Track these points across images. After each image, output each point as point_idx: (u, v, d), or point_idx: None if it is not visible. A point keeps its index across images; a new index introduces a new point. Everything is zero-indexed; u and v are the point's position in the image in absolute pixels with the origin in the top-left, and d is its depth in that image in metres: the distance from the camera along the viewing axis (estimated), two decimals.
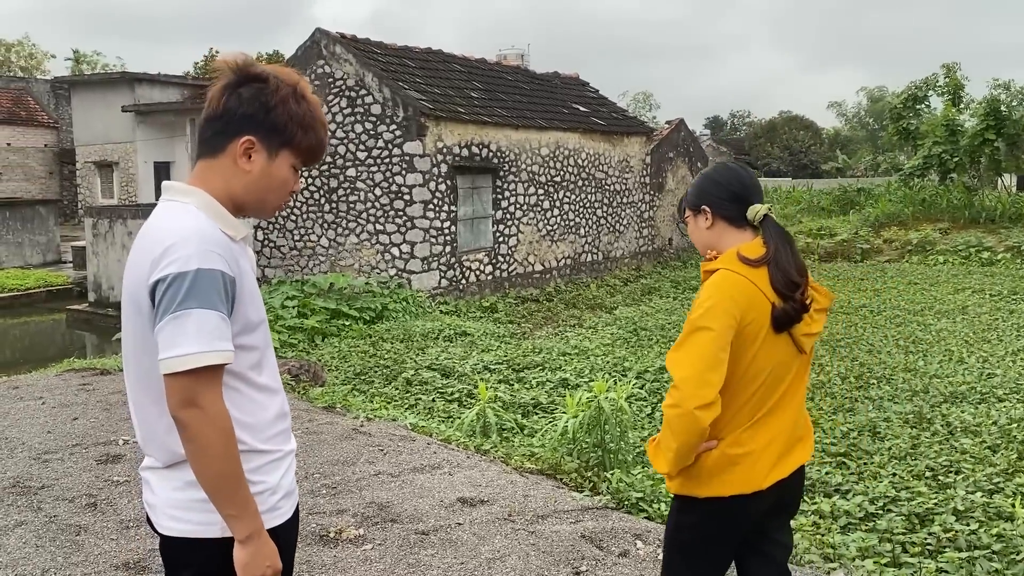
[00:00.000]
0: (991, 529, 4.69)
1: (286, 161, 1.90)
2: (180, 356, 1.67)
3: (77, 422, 6.19)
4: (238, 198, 1.90)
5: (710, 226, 2.53)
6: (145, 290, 1.75)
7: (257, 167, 1.88)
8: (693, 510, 2.43)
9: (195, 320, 1.68)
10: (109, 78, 29.78)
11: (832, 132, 66.33)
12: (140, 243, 1.81)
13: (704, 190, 2.54)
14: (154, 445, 1.86)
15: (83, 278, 18.68)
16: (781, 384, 2.39)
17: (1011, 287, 15.16)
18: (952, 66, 25.16)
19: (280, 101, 1.86)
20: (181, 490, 1.81)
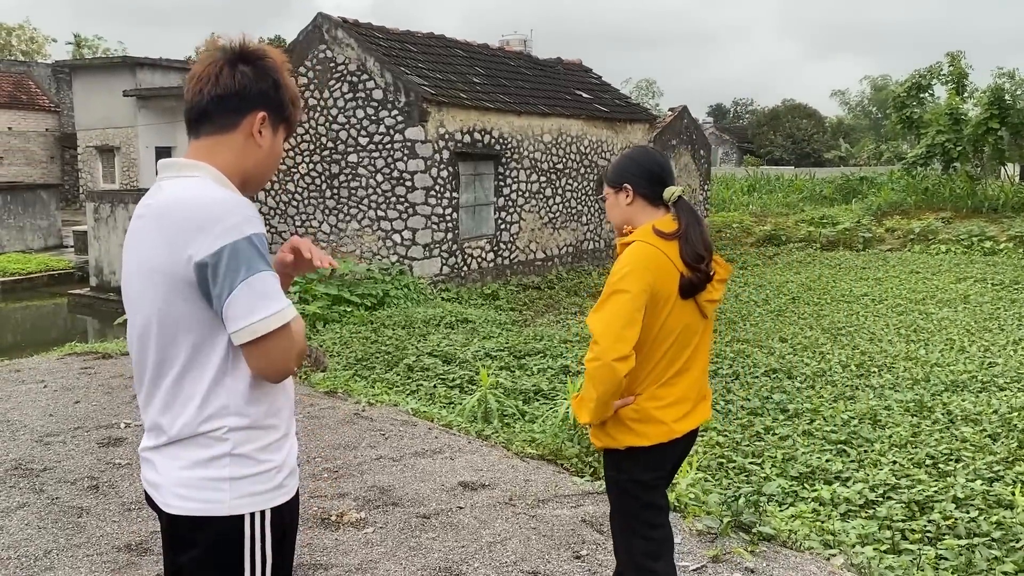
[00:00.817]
0: (991, 517, 4.70)
1: (281, 136, 1.96)
2: (271, 315, 1.72)
3: (79, 405, 6.20)
4: (248, 172, 1.92)
5: (630, 203, 2.79)
6: (185, 266, 1.73)
7: (267, 142, 1.91)
8: (623, 461, 2.70)
9: (264, 281, 1.73)
10: (110, 62, 29.70)
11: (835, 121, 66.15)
12: (166, 219, 1.78)
13: (626, 169, 2.80)
14: (171, 418, 1.84)
15: (85, 262, 18.69)
16: (689, 346, 2.70)
17: (1013, 276, 15.14)
18: (956, 54, 25.03)
19: (283, 78, 1.91)
20: (189, 469, 1.82)
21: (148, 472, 1.92)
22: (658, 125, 21.76)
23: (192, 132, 1.92)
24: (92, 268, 17.41)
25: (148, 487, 1.92)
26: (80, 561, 3.74)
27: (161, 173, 1.91)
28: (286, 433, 1.93)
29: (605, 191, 2.84)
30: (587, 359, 2.54)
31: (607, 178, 2.83)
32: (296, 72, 15.66)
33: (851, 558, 3.85)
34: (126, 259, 1.91)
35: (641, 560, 2.69)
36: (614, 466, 2.73)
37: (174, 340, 1.79)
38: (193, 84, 1.89)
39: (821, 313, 12.19)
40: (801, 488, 5.33)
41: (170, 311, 1.78)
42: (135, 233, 1.87)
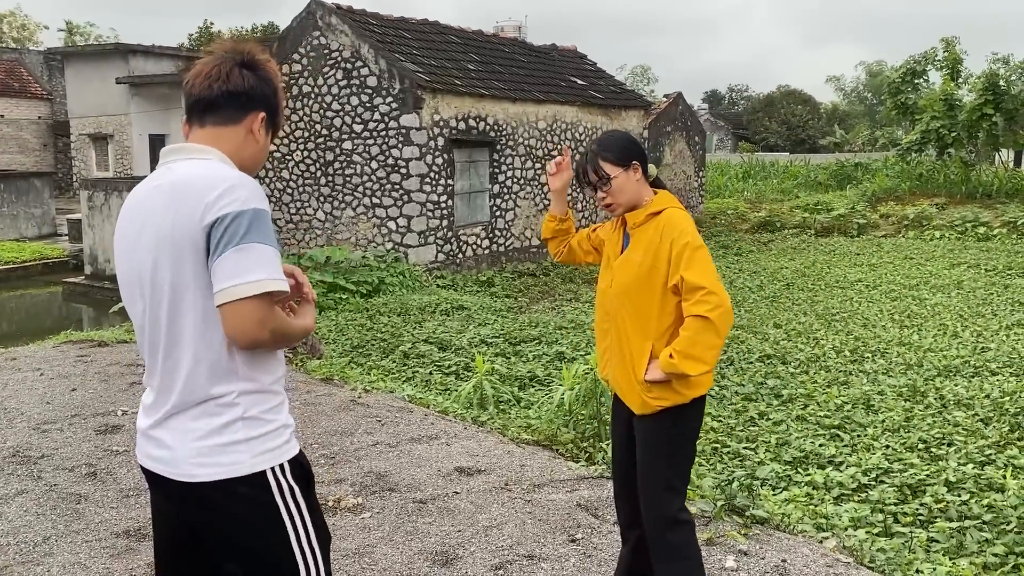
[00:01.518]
0: (982, 500, 4.75)
1: (270, 136, 2.17)
2: (251, 282, 1.81)
3: (75, 393, 6.21)
4: (243, 163, 2.07)
5: (639, 179, 2.95)
6: (200, 232, 1.86)
7: (262, 138, 2.11)
8: (685, 413, 2.87)
9: (259, 252, 1.84)
10: (103, 50, 29.50)
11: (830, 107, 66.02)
12: (182, 192, 1.90)
13: (632, 149, 2.97)
14: (179, 390, 1.93)
15: (79, 251, 18.65)
16: None
17: (1006, 262, 15.20)
18: (951, 40, 25.00)
19: (279, 86, 2.15)
20: (205, 438, 1.92)
21: (153, 449, 2.00)
22: (653, 111, 21.74)
23: (196, 121, 2.08)
24: (87, 256, 17.37)
25: (153, 463, 2.00)
26: (79, 547, 3.76)
27: (168, 156, 2.06)
28: (284, 398, 2.08)
29: (613, 172, 2.91)
30: (707, 309, 2.70)
31: (614, 159, 2.93)
32: (290, 59, 15.60)
33: (843, 541, 3.89)
34: (129, 233, 2.00)
35: (681, 514, 2.88)
36: (673, 422, 2.87)
37: (184, 307, 1.90)
38: (201, 79, 2.06)
39: (815, 299, 12.23)
40: (794, 472, 5.38)
41: (181, 279, 1.89)
42: (145, 209, 1.97)
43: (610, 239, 3.11)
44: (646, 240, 2.89)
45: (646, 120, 21.23)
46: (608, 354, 3.04)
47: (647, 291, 2.85)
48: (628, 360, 2.91)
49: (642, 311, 2.87)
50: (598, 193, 2.98)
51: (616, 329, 2.96)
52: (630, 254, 2.93)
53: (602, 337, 3.08)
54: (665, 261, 2.82)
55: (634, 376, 2.89)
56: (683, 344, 2.75)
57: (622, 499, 3.14)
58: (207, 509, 1.95)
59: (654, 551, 2.92)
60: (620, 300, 2.93)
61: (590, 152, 2.99)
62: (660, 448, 2.90)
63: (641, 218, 2.92)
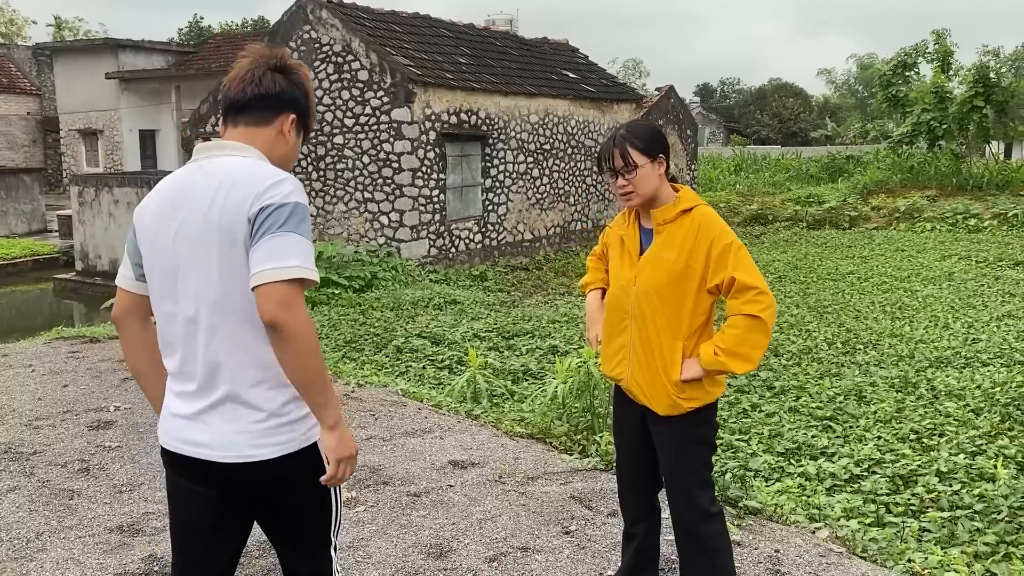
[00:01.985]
0: (973, 490, 4.78)
1: (300, 138, 2.30)
2: (283, 267, 1.93)
3: (67, 389, 6.19)
4: (274, 162, 2.20)
5: (661, 174, 2.87)
6: (247, 222, 1.99)
7: (292, 139, 2.25)
8: (710, 413, 2.89)
9: (294, 241, 1.96)
10: (92, 45, 29.36)
11: (821, 100, 66.14)
12: (229, 186, 2.03)
13: (661, 142, 2.88)
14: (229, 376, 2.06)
15: (70, 247, 18.57)
16: None
17: (997, 254, 15.27)
18: (941, 33, 25.07)
19: (309, 90, 2.29)
20: (263, 420, 2.07)
21: (196, 435, 2.10)
22: (645, 105, 21.74)
23: (231, 122, 2.22)
24: (77, 252, 17.29)
25: (192, 448, 2.10)
26: (72, 543, 3.75)
27: (207, 152, 2.17)
28: None
29: (640, 160, 2.82)
30: (759, 309, 2.69)
31: (643, 148, 2.83)
32: None
33: (836, 531, 3.91)
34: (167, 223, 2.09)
35: (713, 507, 2.90)
36: (703, 422, 2.87)
37: (234, 296, 2.02)
38: (236, 83, 2.21)
39: (807, 291, 12.27)
40: (787, 464, 5.40)
41: (229, 267, 2.02)
42: (188, 199, 2.07)
43: (626, 235, 2.99)
44: (679, 238, 2.80)
45: (638, 113, 21.22)
46: (623, 353, 2.95)
47: (681, 290, 2.78)
48: (658, 361, 2.83)
49: (675, 310, 2.80)
50: (619, 180, 2.86)
51: (640, 328, 2.87)
52: (661, 252, 2.83)
53: (615, 335, 2.99)
54: (702, 260, 2.75)
55: (665, 377, 2.82)
56: (731, 342, 2.71)
57: (632, 495, 3.12)
58: (261, 484, 2.11)
59: (686, 545, 2.92)
60: (648, 299, 2.83)
61: (619, 137, 2.86)
62: (690, 447, 2.88)
63: (672, 215, 2.83)
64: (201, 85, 24.70)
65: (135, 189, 15.72)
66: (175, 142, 26.64)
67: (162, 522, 3.95)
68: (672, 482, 2.93)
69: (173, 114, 27.12)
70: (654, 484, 3.10)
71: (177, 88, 26.98)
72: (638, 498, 3.10)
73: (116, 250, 16.22)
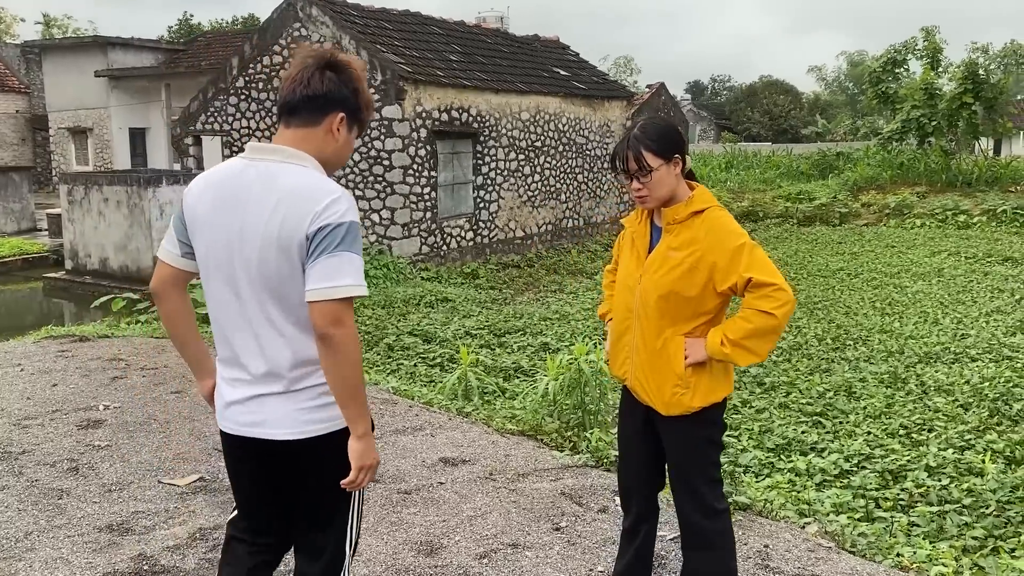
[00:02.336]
0: (962, 484, 4.81)
1: (355, 133, 2.38)
2: (339, 286, 2.13)
3: (56, 388, 6.16)
4: (326, 160, 2.31)
5: (678, 174, 2.80)
6: (304, 237, 2.15)
7: (342, 137, 2.32)
8: (718, 411, 2.86)
9: (348, 260, 2.15)
10: (81, 42, 29.20)
11: (812, 97, 66.32)
12: (291, 199, 2.17)
13: (676, 141, 2.79)
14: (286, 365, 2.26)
15: (59, 246, 18.48)
16: None
17: (986, 250, 15.35)
18: (931, 29, 25.15)
19: (362, 86, 2.34)
20: (314, 399, 2.28)
21: (252, 416, 2.31)
22: (636, 102, 21.76)
23: (284, 122, 2.31)
24: (67, 251, 17.21)
25: (249, 428, 2.32)
26: (61, 542, 3.74)
27: (262, 154, 2.27)
28: None
29: (655, 163, 2.74)
30: (775, 306, 2.65)
31: (657, 150, 2.75)
32: (271, 51, 15.50)
33: (825, 526, 3.92)
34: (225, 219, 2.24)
35: (720, 503, 2.89)
36: (710, 420, 2.84)
37: (288, 294, 2.21)
38: (288, 84, 2.30)
39: (798, 288, 12.31)
40: (777, 459, 5.42)
41: (285, 272, 2.19)
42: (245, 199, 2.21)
43: (637, 232, 2.95)
44: (688, 237, 2.75)
45: (629, 111, 21.24)
46: (627, 352, 2.92)
47: (685, 289, 2.74)
48: (661, 359, 2.80)
49: (677, 309, 2.76)
50: (633, 183, 2.80)
51: (643, 327, 2.83)
52: (669, 251, 2.78)
53: (622, 334, 2.94)
54: (710, 262, 2.71)
55: (672, 373, 2.78)
56: (739, 333, 2.68)
57: (637, 496, 3.07)
58: (311, 456, 2.32)
59: (690, 540, 2.90)
60: (652, 297, 2.79)
61: (632, 139, 2.77)
62: (698, 446, 2.86)
63: (683, 215, 2.77)
64: (191, 83, 24.61)
65: (125, 187, 15.64)
66: (165, 140, 26.54)
67: (151, 521, 3.94)
68: (679, 481, 2.90)
69: (163, 112, 27.02)
70: (658, 484, 3.07)
71: (167, 86, 26.87)
72: (642, 499, 3.06)
73: (106, 249, 16.15)
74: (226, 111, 16.17)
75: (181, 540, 3.76)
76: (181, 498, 4.22)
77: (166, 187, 15.55)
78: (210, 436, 5.10)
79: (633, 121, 2.90)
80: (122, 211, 15.74)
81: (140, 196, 15.38)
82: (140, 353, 7.26)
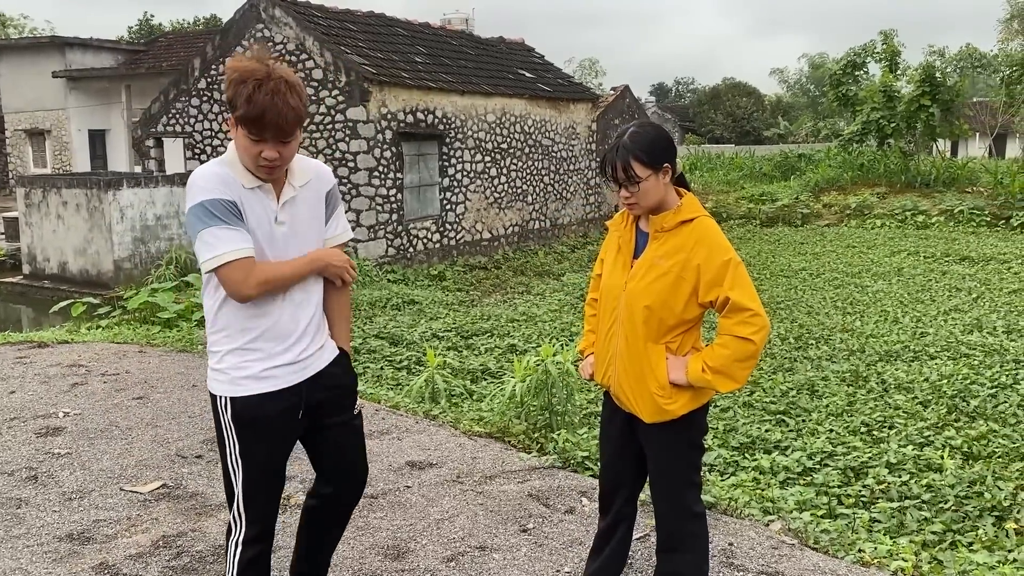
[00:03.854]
0: (921, 480, 4.90)
1: (242, 131, 2.43)
2: (208, 259, 2.44)
3: (14, 395, 6.04)
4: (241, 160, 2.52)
5: (667, 183, 2.76)
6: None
7: (234, 134, 2.47)
8: (700, 416, 2.87)
9: (199, 240, 2.44)
10: (38, 43, 28.67)
11: (774, 99, 67.12)
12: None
13: (666, 149, 2.74)
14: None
15: (16, 250, 18.12)
16: None
17: (944, 249, 15.64)
18: (889, 33, 25.60)
19: (228, 86, 2.42)
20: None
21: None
22: (600, 104, 21.86)
23: None
24: (25, 255, 16.88)
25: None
26: (20, 552, 3.67)
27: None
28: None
29: (643, 174, 2.70)
30: (751, 332, 2.66)
31: (647, 160, 2.70)
32: (233, 52, 15.34)
33: (789, 523, 3.97)
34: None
35: (698, 507, 2.90)
36: (692, 426, 2.84)
37: None
38: None
39: (760, 288, 12.44)
40: (742, 458, 5.48)
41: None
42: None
43: (623, 237, 2.90)
44: (675, 246, 2.74)
45: (594, 113, 21.35)
46: (610, 358, 2.89)
47: (671, 298, 2.72)
48: (644, 366, 2.79)
49: (662, 317, 2.74)
50: (622, 191, 2.76)
51: (627, 334, 2.81)
52: (655, 259, 2.76)
53: (606, 341, 2.91)
54: (695, 272, 2.70)
55: (655, 382, 2.77)
56: (719, 361, 2.69)
57: (617, 499, 3.05)
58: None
59: (667, 542, 2.90)
60: (637, 304, 2.76)
61: (621, 147, 2.71)
62: (680, 451, 2.86)
63: (671, 223, 2.75)
64: (152, 84, 24.27)
65: (85, 190, 15.38)
66: (126, 142, 26.14)
67: (113, 529, 3.88)
68: (660, 484, 2.90)
69: (123, 114, 26.61)
70: (641, 484, 3.07)
71: (127, 87, 26.47)
72: (622, 501, 3.05)
73: (65, 252, 15.87)
74: (188, 112, 15.97)
75: (144, 548, 3.70)
76: (144, 505, 4.16)
77: (127, 190, 15.32)
78: (172, 442, 5.04)
79: (623, 126, 2.77)
80: (82, 214, 15.47)
81: (100, 199, 15.13)
82: (101, 359, 7.14)
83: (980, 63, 45.56)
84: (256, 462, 2.60)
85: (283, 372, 2.60)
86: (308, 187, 2.64)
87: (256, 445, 2.59)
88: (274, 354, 2.58)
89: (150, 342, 7.94)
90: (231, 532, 2.65)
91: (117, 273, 15.16)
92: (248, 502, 2.61)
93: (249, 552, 2.62)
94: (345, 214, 2.87)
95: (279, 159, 2.45)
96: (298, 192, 2.60)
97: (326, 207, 2.71)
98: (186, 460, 4.77)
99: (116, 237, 15.14)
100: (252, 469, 2.60)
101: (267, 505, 2.67)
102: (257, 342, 2.56)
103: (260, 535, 2.64)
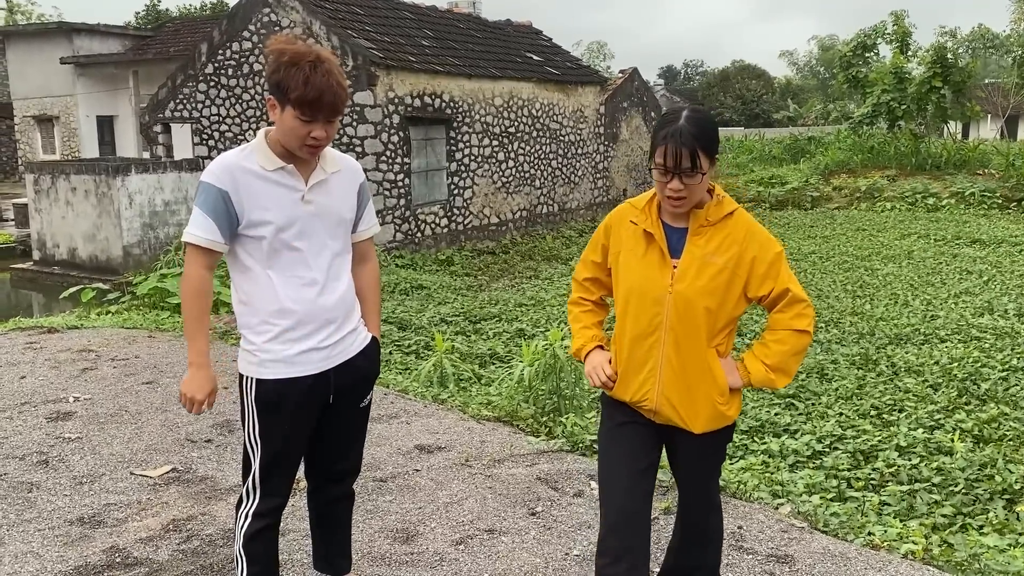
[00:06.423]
0: (931, 463, 4.88)
1: (290, 113, 2.46)
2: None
3: (25, 380, 6.07)
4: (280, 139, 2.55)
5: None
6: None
7: (276, 116, 2.51)
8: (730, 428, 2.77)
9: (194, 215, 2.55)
10: (46, 29, 28.65)
11: (784, 81, 66.68)
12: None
13: (716, 140, 2.52)
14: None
15: (26, 236, 18.20)
16: None
17: (955, 232, 15.54)
18: (900, 14, 25.34)
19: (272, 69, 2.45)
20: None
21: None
22: (609, 87, 21.74)
23: None
24: (35, 241, 16.94)
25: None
26: (31, 536, 3.69)
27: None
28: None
29: (706, 167, 2.47)
30: (808, 324, 2.58)
31: (710, 152, 2.46)
32: (240, 37, 15.31)
33: (798, 507, 3.97)
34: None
35: (718, 499, 2.90)
36: (728, 437, 2.76)
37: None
38: None
39: None
40: (751, 441, 5.47)
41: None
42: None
43: (654, 231, 2.58)
44: (724, 240, 2.53)
45: (602, 96, 21.24)
46: (650, 370, 2.60)
47: (724, 298, 2.53)
48: (706, 373, 2.57)
49: (715, 319, 2.55)
50: (674, 183, 2.45)
51: (680, 340, 2.55)
52: (706, 255, 2.52)
53: (646, 351, 2.60)
54: (748, 266, 2.52)
55: (716, 388, 2.57)
56: (778, 358, 2.58)
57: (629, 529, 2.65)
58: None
59: (688, 535, 2.91)
60: (691, 307, 2.52)
61: (687, 134, 2.41)
62: (720, 455, 2.82)
63: (717, 216, 2.54)
64: (160, 70, 24.25)
65: (93, 176, 15.41)
66: (134, 128, 26.16)
67: (123, 513, 3.90)
68: (692, 485, 2.80)
69: (131, 99, 26.61)
70: (649, 511, 2.75)
71: (135, 73, 26.46)
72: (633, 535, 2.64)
73: (74, 239, 15.92)
74: (195, 98, 15.96)
75: (154, 532, 3.72)
76: (154, 489, 4.18)
77: (135, 176, 15.34)
78: (182, 427, 5.06)
79: (672, 109, 2.52)
80: (90, 200, 15.51)
81: (109, 185, 15.16)
82: (110, 344, 7.17)
83: (992, 44, 45.09)
84: (275, 443, 2.66)
85: (312, 359, 2.64)
86: (339, 175, 2.69)
87: (277, 428, 2.64)
88: (303, 337, 2.63)
89: (159, 327, 7.96)
90: (242, 503, 2.71)
91: (126, 259, 15.21)
92: (265, 477, 2.67)
93: (257, 524, 2.67)
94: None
95: (326, 138, 2.53)
96: (328, 177, 2.65)
97: (358, 202, 2.77)
98: (196, 444, 4.79)
99: (125, 223, 15.17)
100: (270, 450, 2.66)
101: (282, 483, 2.72)
102: (288, 327, 2.61)
103: (271, 510, 2.69)
